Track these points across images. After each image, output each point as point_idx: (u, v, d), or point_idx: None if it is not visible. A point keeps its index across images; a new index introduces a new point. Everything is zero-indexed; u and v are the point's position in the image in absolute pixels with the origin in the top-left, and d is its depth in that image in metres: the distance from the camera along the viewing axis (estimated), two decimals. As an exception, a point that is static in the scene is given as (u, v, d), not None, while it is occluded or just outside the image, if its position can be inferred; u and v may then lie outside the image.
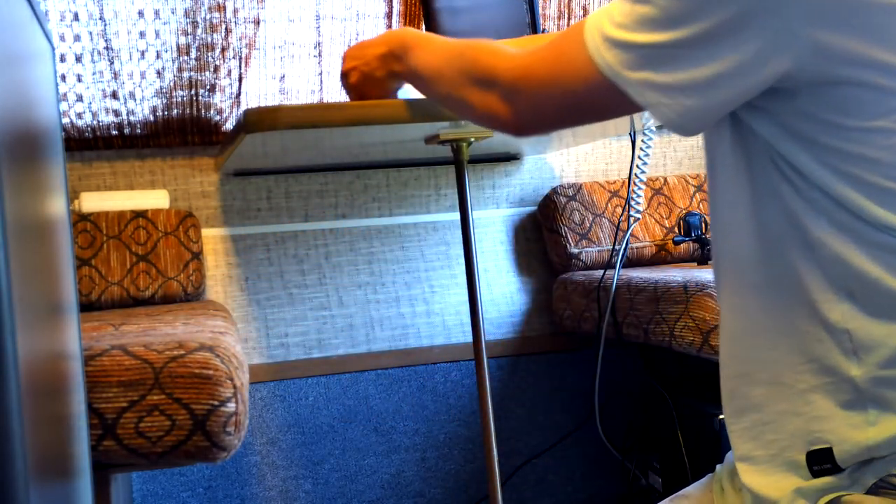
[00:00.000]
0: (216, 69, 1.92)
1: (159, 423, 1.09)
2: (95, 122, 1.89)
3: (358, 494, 2.06)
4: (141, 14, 1.88)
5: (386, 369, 2.08)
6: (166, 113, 1.92)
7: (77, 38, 1.86)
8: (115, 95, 1.89)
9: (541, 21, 1.85)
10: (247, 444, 1.99)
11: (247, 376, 1.21)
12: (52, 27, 1.82)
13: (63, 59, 1.85)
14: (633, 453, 2.03)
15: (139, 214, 1.88)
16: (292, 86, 2.02)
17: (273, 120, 1.32)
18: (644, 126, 1.77)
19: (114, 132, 1.91)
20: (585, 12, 2.17)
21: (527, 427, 2.17)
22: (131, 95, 1.90)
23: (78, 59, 1.86)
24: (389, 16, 2.04)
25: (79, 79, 1.87)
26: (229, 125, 1.97)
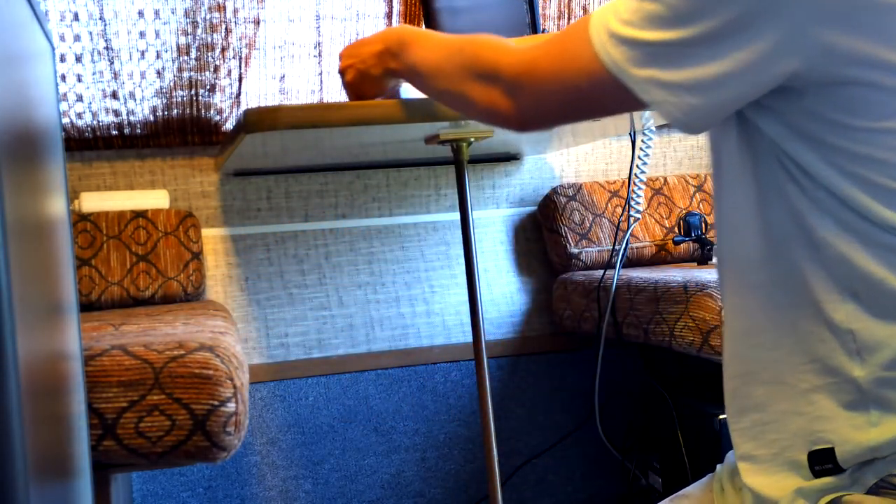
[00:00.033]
0: (216, 69, 1.92)
1: (159, 423, 1.09)
2: (95, 122, 1.89)
3: (358, 494, 2.06)
4: (141, 14, 1.88)
5: (386, 369, 2.08)
6: (166, 113, 1.92)
7: (77, 38, 1.86)
8: (115, 95, 1.89)
9: (541, 21, 1.85)
10: (247, 444, 1.99)
11: (247, 376, 1.20)
12: (52, 27, 1.82)
13: (63, 59, 1.85)
14: (633, 453, 2.03)
15: (139, 214, 1.88)
16: (292, 86, 2.02)
17: (273, 120, 1.32)
18: (644, 126, 1.77)
19: (114, 132, 1.91)
20: (585, 12, 2.17)
21: (527, 427, 2.17)
22: (131, 95, 1.90)
23: (78, 59, 1.86)
24: (389, 16, 2.04)
25: (79, 79, 1.87)
26: (229, 125, 1.97)
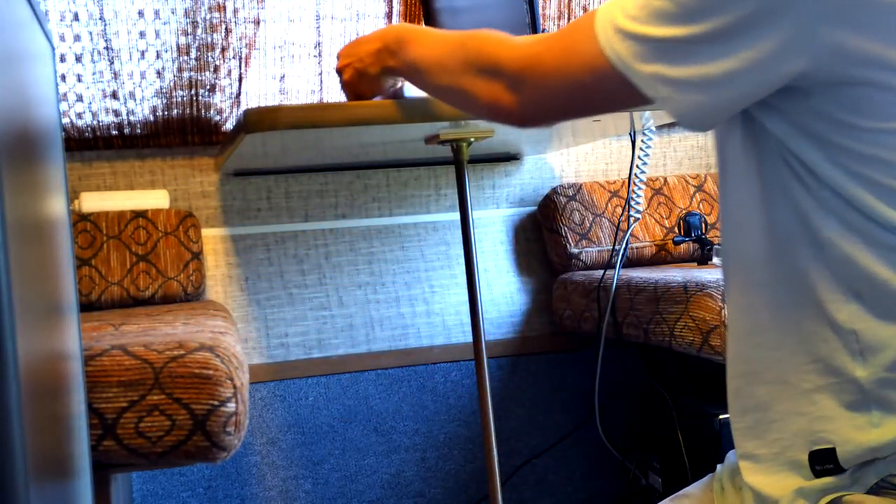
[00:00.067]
0: (216, 69, 1.92)
1: (159, 423, 1.09)
2: (95, 122, 1.89)
3: (358, 494, 2.06)
4: (141, 14, 1.88)
5: (386, 369, 2.08)
6: (166, 113, 1.92)
7: (77, 38, 1.86)
8: (115, 95, 1.89)
9: (541, 21, 1.85)
10: (247, 444, 1.99)
11: (247, 376, 1.20)
12: (52, 27, 1.82)
13: (63, 59, 1.85)
14: (633, 453, 2.03)
15: (139, 214, 1.88)
16: (292, 86, 2.02)
17: (273, 120, 1.31)
18: (644, 126, 1.77)
19: (114, 132, 1.91)
20: (585, 12, 2.17)
21: (527, 427, 2.17)
22: (131, 95, 1.89)
23: (78, 59, 1.86)
24: (389, 16, 2.04)
25: (79, 79, 1.87)
26: (229, 125, 1.97)
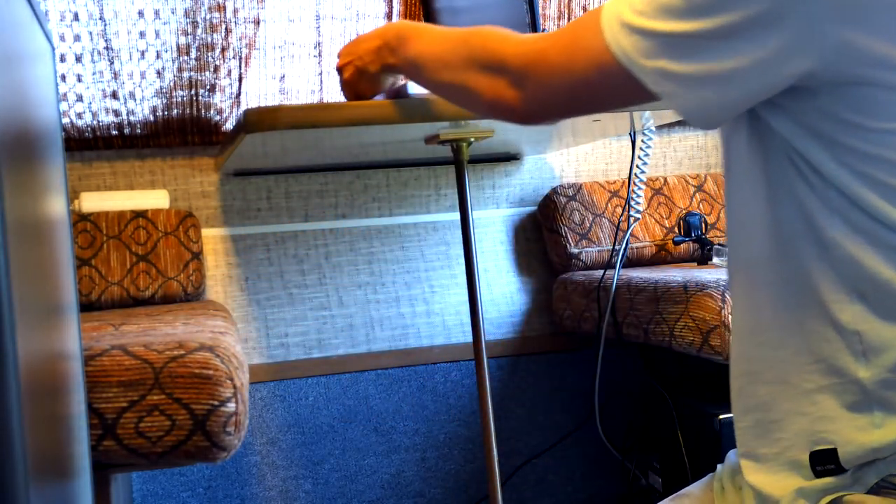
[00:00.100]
0: (216, 69, 1.92)
1: (159, 423, 1.09)
2: (95, 122, 1.89)
3: (358, 494, 2.06)
4: (141, 14, 1.88)
5: (386, 369, 2.08)
6: (166, 113, 1.92)
7: (77, 38, 1.86)
8: (115, 95, 1.89)
9: (541, 21, 1.85)
10: (247, 444, 1.99)
11: (247, 376, 1.20)
12: (52, 27, 1.82)
13: (63, 59, 1.85)
14: (633, 453, 2.03)
15: (139, 214, 1.88)
16: (292, 86, 2.02)
17: (273, 120, 1.31)
18: (644, 126, 1.77)
19: (114, 132, 1.91)
20: (585, 12, 2.17)
21: (527, 427, 2.17)
22: (131, 95, 1.89)
23: (78, 59, 1.86)
24: (389, 16, 2.04)
25: (79, 79, 1.87)
26: (229, 125, 1.97)
